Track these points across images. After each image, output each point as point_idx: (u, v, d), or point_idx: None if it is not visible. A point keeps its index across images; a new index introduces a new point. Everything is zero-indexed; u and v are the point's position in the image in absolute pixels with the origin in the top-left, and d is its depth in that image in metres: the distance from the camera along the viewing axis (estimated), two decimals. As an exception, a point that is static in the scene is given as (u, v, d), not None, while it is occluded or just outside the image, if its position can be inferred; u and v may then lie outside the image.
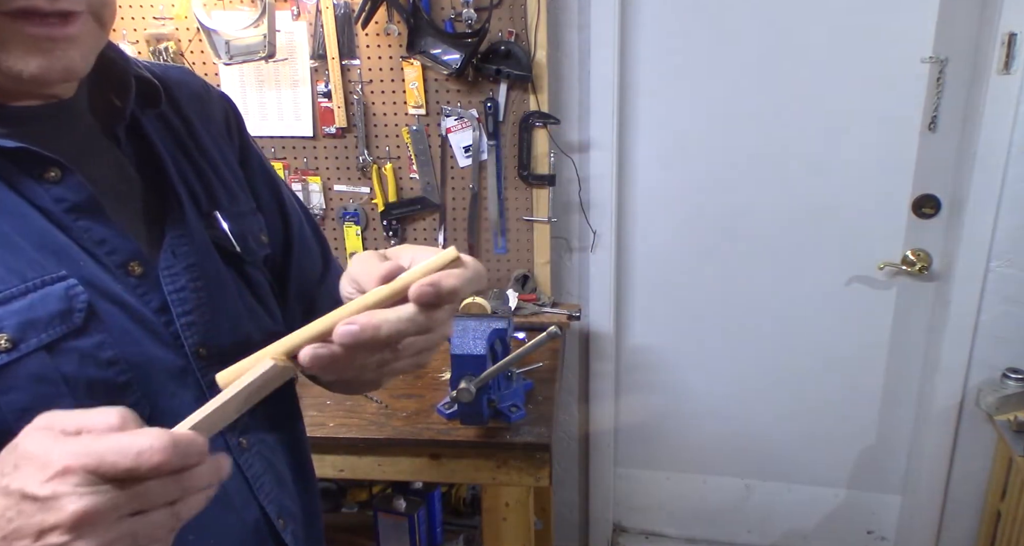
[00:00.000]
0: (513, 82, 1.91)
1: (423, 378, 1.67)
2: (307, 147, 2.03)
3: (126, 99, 0.69)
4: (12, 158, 0.59)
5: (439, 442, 1.42)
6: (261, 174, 0.84)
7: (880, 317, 2.14)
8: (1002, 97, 1.78)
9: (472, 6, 1.86)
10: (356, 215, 2.07)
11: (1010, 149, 1.82)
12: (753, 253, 2.17)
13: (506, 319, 1.36)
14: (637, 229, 2.21)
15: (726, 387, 2.32)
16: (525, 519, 1.45)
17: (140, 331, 0.63)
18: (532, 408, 1.49)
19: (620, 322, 2.29)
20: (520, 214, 2.03)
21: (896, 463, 2.27)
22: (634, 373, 2.37)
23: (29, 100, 0.62)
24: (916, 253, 2.05)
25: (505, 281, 2.06)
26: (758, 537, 2.47)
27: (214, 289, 0.66)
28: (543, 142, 1.95)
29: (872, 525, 2.36)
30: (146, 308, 0.64)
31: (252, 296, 0.76)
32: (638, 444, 2.45)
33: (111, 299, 0.62)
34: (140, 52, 1.93)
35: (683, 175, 2.13)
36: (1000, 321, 1.96)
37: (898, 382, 2.19)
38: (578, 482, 2.43)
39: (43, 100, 0.63)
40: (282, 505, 0.76)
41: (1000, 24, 1.73)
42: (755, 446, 2.37)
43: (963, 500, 2.13)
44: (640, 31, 2.03)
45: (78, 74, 0.61)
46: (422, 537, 1.94)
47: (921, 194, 2.00)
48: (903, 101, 1.94)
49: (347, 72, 1.95)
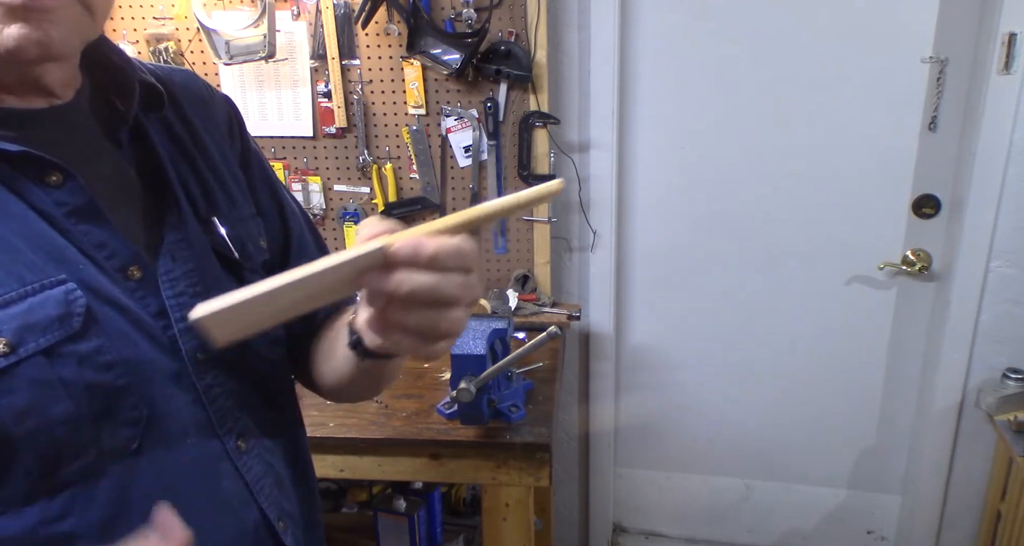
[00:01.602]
0: (513, 82, 1.91)
1: (423, 378, 1.67)
2: (307, 147, 2.03)
3: (129, 103, 0.69)
4: (14, 162, 0.59)
5: (439, 442, 1.42)
6: (261, 178, 0.84)
7: (880, 317, 2.14)
8: (1002, 97, 1.78)
9: (472, 6, 1.86)
10: (356, 215, 2.07)
11: (1010, 149, 1.82)
12: (753, 253, 2.17)
13: (506, 319, 1.36)
14: (637, 229, 2.21)
15: (726, 387, 2.32)
16: (525, 519, 1.45)
17: (138, 335, 0.63)
18: (532, 408, 1.49)
19: (620, 322, 2.29)
20: (520, 214, 2.03)
21: (896, 463, 2.27)
22: (634, 373, 2.37)
23: (31, 99, 0.63)
24: (916, 253, 2.05)
25: (505, 281, 2.06)
26: (758, 537, 2.47)
27: (213, 294, 0.66)
28: (543, 142, 1.95)
29: (872, 525, 2.36)
30: (144, 312, 0.65)
31: None
32: (638, 444, 2.45)
33: (110, 303, 0.62)
34: (140, 52, 1.93)
35: (683, 175, 2.13)
36: (1000, 321, 1.96)
37: (898, 382, 2.19)
38: (578, 482, 2.43)
39: (45, 102, 0.64)
40: (282, 508, 0.76)
41: (1000, 24, 1.73)
42: (755, 446, 2.37)
43: (963, 500, 2.13)
44: (640, 31, 2.03)
45: (56, 52, 0.60)
46: (422, 537, 1.94)
47: (921, 194, 2.00)
48: (903, 101, 1.94)
49: (347, 72, 1.95)
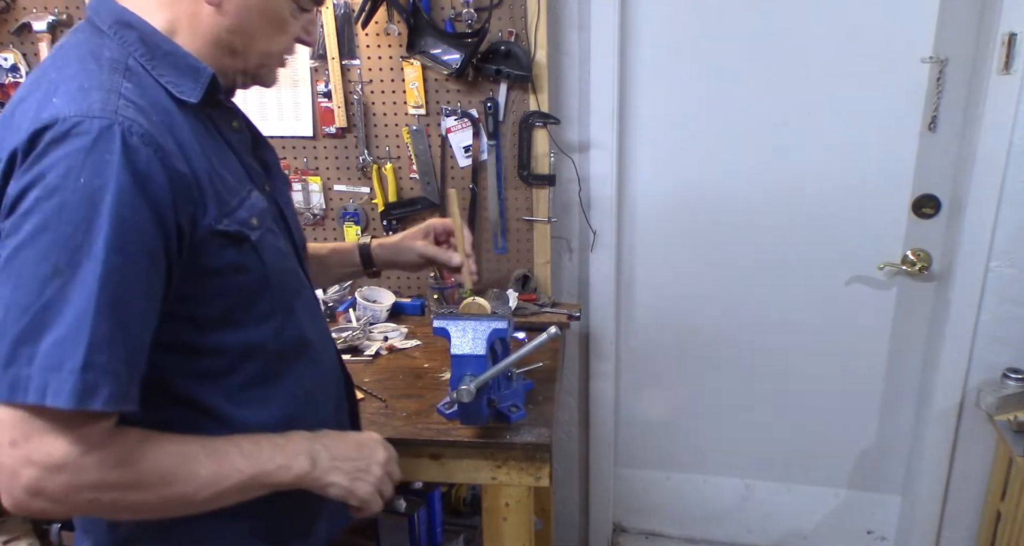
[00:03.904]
0: (513, 82, 1.91)
1: (423, 378, 1.67)
2: (307, 147, 2.03)
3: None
4: (225, 111, 0.95)
5: (439, 442, 1.42)
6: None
7: (880, 317, 2.14)
8: (1002, 97, 1.78)
9: (472, 6, 1.86)
10: (356, 215, 2.07)
11: (1010, 149, 1.82)
12: (753, 252, 2.16)
13: (506, 319, 1.36)
14: (637, 229, 2.21)
15: (726, 387, 2.32)
16: (525, 519, 1.45)
17: (279, 226, 1.00)
18: (532, 408, 1.49)
19: (620, 322, 2.29)
20: (520, 214, 2.03)
21: (896, 463, 2.27)
22: (634, 373, 2.37)
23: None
24: (916, 253, 2.05)
25: (505, 281, 2.06)
26: (758, 537, 2.47)
27: (293, 209, 1.09)
28: (543, 142, 1.95)
29: (872, 525, 2.36)
30: (277, 211, 1.01)
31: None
32: (638, 444, 2.45)
33: (264, 204, 0.96)
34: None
35: (683, 175, 2.13)
36: (1000, 321, 1.96)
37: (898, 382, 2.19)
38: (578, 482, 2.43)
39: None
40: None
41: (1000, 24, 1.73)
42: (755, 446, 2.37)
43: (963, 500, 2.13)
44: (640, 31, 2.03)
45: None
46: (422, 537, 1.94)
47: (921, 194, 2.00)
48: (903, 101, 1.94)
49: (347, 72, 1.95)
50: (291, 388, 0.99)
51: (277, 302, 0.95)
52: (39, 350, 0.72)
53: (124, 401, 0.77)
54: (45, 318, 0.72)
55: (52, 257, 0.73)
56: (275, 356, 0.96)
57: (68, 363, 0.72)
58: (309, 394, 1.02)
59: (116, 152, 0.75)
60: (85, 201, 0.73)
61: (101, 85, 0.79)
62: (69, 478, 0.75)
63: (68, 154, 0.74)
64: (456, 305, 1.77)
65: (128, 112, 0.78)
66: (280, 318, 0.96)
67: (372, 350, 1.80)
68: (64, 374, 0.72)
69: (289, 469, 0.90)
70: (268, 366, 0.95)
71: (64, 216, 0.73)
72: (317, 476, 0.93)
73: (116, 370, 0.75)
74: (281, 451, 0.90)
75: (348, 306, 1.95)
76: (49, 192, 0.73)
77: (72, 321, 0.73)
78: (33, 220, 0.73)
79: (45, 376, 0.72)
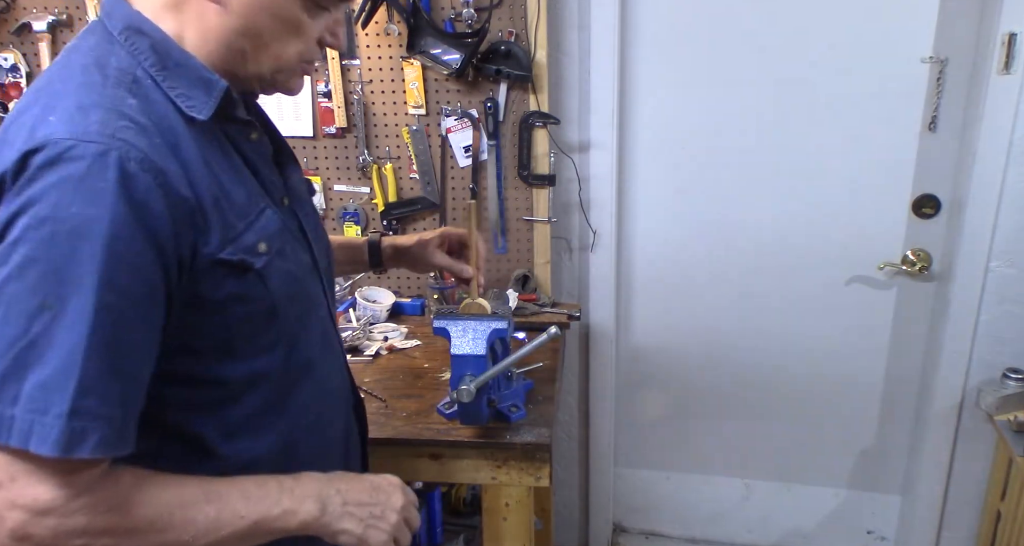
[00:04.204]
0: (513, 82, 1.91)
1: (423, 378, 1.67)
2: (307, 147, 2.03)
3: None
4: (241, 125, 0.89)
5: (439, 442, 1.42)
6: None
7: (880, 317, 2.14)
8: (1002, 97, 1.78)
9: (472, 6, 1.86)
10: (356, 215, 2.07)
11: (1010, 149, 1.82)
12: (753, 252, 2.16)
13: (506, 319, 1.36)
14: (637, 229, 2.21)
15: (726, 387, 2.32)
16: (525, 519, 1.45)
17: (296, 243, 0.95)
18: (532, 408, 1.49)
19: (620, 322, 2.29)
20: (520, 214, 2.03)
21: (896, 463, 2.27)
22: (634, 373, 2.37)
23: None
24: (916, 253, 2.05)
25: (505, 281, 2.06)
26: (758, 537, 2.47)
27: (316, 217, 1.05)
28: (543, 142, 1.95)
29: (872, 525, 2.36)
30: (295, 226, 0.96)
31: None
32: (638, 444, 2.45)
33: (281, 220, 0.92)
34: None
35: (683, 175, 2.13)
36: (1000, 321, 1.96)
37: (898, 382, 2.19)
38: (578, 482, 2.43)
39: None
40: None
41: (1000, 24, 1.73)
42: (755, 446, 2.37)
43: (963, 500, 2.13)
44: (640, 31, 2.03)
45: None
46: (422, 537, 1.94)
47: (921, 194, 2.00)
48: (903, 101, 1.94)
49: (347, 72, 1.95)
50: (296, 412, 0.95)
51: (284, 330, 0.91)
52: (23, 390, 0.68)
53: (117, 446, 0.73)
54: (31, 356, 0.69)
55: (41, 291, 0.69)
56: (282, 381, 0.92)
57: (54, 408, 0.68)
58: (317, 415, 1.00)
59: (111, 180, 0.71)
60: (77, 232, 0.69)
61: (102, 102, 0.75)
62: (56, 523, 0.71)
63: (60, 181, 0.70)
64: (456, 305, 1.77)
65: (128, 134, 0.74)
66: (287, 344, 0.92)
67: (372, 350, 1.80)
68: (49, 419, 0.68)
69: (295, 514, 0.85)
70: (273, 393, 0.92)
71: (54, 248, 0.69)
72: (327, 522, 0.88)
73: (108, 414, 0.71)
74: (288, 494, 0.86)
75: (348, 306, 1.95)
76: (39, 221, 0.69)
77: (59, 361, 0.69)
78: (22, 250, 0.69)
79: (29, 419, 0.68)
